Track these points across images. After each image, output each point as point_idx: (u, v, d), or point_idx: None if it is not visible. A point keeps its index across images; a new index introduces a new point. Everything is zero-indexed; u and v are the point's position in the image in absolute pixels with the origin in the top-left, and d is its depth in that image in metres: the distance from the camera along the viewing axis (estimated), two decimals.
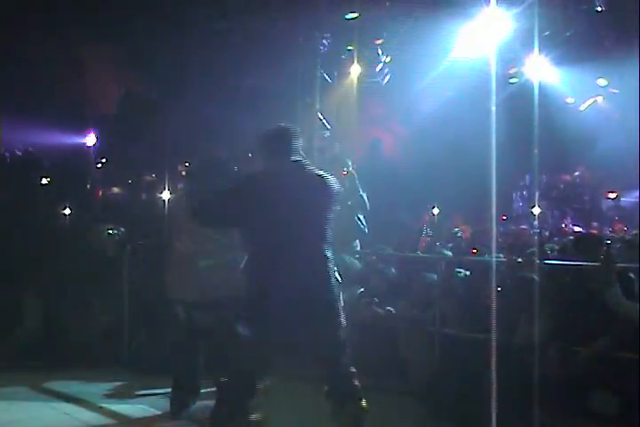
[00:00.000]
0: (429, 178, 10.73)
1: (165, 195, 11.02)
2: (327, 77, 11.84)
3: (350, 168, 9.46)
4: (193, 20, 12.23)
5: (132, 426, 6.41)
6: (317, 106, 11.66)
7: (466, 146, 10.41)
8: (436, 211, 10.75)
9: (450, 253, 8.94)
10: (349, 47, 11.77)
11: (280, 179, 5.24)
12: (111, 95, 14.59)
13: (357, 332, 8.11)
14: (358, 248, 9.31)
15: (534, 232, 8.72)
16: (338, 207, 5.48)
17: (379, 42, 11.59)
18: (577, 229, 11.80)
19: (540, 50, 10.35)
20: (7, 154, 13.69)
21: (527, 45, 10.85)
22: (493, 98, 6.07)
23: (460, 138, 11.03)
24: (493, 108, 5.68)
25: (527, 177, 12.68)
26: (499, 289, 6.73)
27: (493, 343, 5.53)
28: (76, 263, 8.94)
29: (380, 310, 8.04)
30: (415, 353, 7.54)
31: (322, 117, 11.69)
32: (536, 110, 8.38)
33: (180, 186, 11.18)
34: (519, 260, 7.25)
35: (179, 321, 6.67)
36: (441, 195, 10.64)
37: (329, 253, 5.35)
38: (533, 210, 8.84)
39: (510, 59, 11.20)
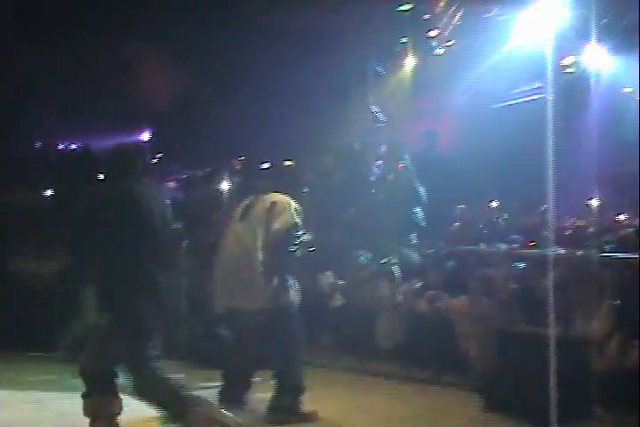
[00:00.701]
0: (487, 170, 10.62)
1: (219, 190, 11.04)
2: (380, 70, 11.79)
3: (406, 162, 9.43)
4: (245, 16, 12.27)
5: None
6: (371, 99, 11.63)
7: (522, 137, 10.27)
8: (494, 204, 10.63)
9: (506, 247, 8.83)
10: (403, 39, 11.70)
11: None
12: (166, 92, 14.70)
13: (415, 325, 8.14)
14: (415, 242, 9.28)
15: (593, 224, 8.56)
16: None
17: (432, 33, 11.48)
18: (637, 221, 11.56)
19: (597, 38, 10.15)
20: (62, 149, 13.91)
21: (584, 34, 10.65)
22: (550, 88, 5.96)
23: (517, 129, 10.88)
24: (550, 98, 5.59)
25: (584, 168, 12.46)
26: (557, 282, 6.64)
27: (553, 337, 5.46)
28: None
29: (438, 304, 8.01)
30: (473, 347, 7.49)
31: (376, 111, 11.64)
32: (593, 100, 8.25)
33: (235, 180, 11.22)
34: (578, 252, 7.15)
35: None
36: (499, 187, 10.53)
37: None
38: (592, 202, 8.72)
39: (567, 48, 11.01)
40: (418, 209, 9.29)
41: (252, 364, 6.53)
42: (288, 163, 10.71)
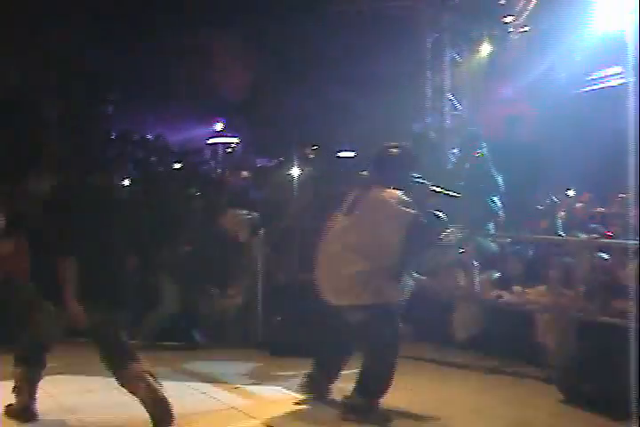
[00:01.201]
0: (565, 157, 10.41)
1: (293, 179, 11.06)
2: (456, 57, 11.63)
3: (483, 150, 9.29)
4: (317, 4, 12.23)
5: (268, 407, 6.42)
6: (447, 86, 11.49)
7: (602, 124, 10.04)
8: (571, 192, 10.42)
9: (585, 236, 8.65)
10: (479, 25, 11.52)
11: None
12: (239, 81, 14.78)
13: (493, 316, 8.05)
14: (493, 231, 9.16)
15: None
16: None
17: (508, 19, 11.28)
18: None
19: None
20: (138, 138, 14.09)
21: None
22: (631, 72, 5.78)
23: (596, 115, 10.63)
24: (632, 80, 5.40)
25: None
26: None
27: (633, 328, 5.34)
28: (210, 247, 9.10)
29: (514, 294, 7.91)
30: (552, 338, 7.37)
31: (452, 98, 11.51)
32: None
33: (307, 170, 11.23)
34: None
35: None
36: (576, 175, 10.32)
37: None
38: None
39: None
40: (495, 198, 9.17)
41: (344, 356, 6.41)
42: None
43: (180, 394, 6.72)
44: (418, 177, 6.07)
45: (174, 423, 5.61)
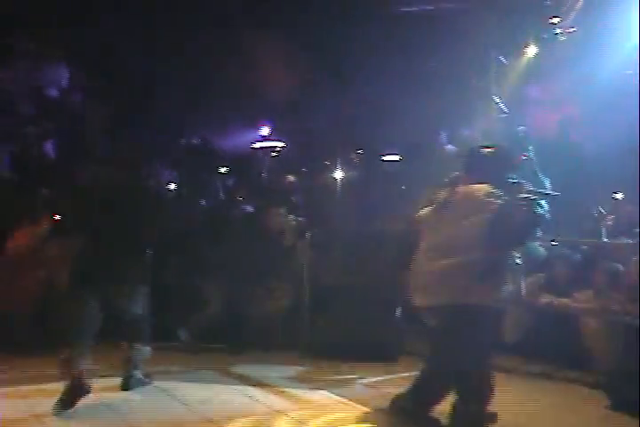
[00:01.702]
0: (612, 160, 10.26)
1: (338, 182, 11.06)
2: (502, 59, 11.54)
3: (530, 153, 9.22)
4: (365, 5, 12.24)
5: (314, 411, 6.45)
6: (493, 89, 11.41)
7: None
8: (619, 195, 10.26)
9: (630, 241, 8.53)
10: (525, 27, 11.41)
11: None
12: (285, 84, 14.82)
13: (540, 320, 7.98)
14: (540, 235, 9.06)
15: None
16: None
17: (555, 20, 11.15)
18: None
19: None
20: (184, 142, 14.20)
21: None
22: None
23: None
24: None
25: None
26: None
27: None
28: (256, 249, 9.17)
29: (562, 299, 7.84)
30: (599, 343, 7.29)
31: (498, 101, 11.42)
32: None
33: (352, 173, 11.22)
34: None
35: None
36: (625, 178, 10.16)
37: None
38: None
39: None
40: (542, 201, 9.06)
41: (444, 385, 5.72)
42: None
43: (225, 397, 6.82)
44: (514, 178, 5.69)
45: None
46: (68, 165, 10.89)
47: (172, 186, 11.33)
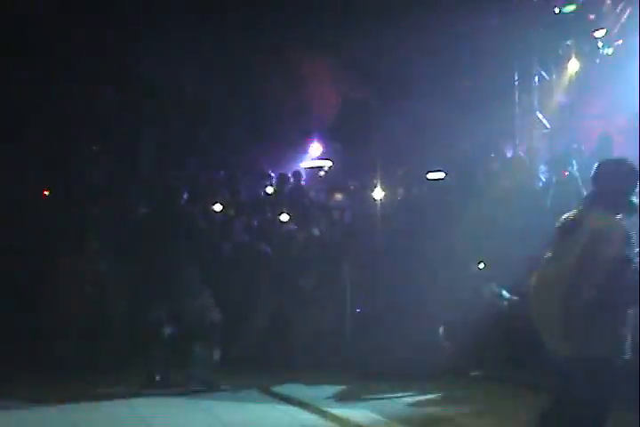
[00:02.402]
0: None
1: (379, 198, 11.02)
2: (544, 74, 11.47)
3: (573, 169, 9.13)
4: (405, 22, 12.26)
5: None
6: (536, 104, 11.34)
7: None
8: None
9: None
10: (567, 42, 11.34)
11: None
12: (331, 102, 14.89)
13: None
14: None
15: None
16: None
17: (599, 33, 11.05)
18: None
19: None
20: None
21: None
22: None
23: None
24: None
25: None
26: None
27: None
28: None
29: None
30: None
31: (541, 116, 11.34)
32: None
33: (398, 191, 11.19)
34: None
35: None
36: None
37: None
38: None
39: None
40: None
41: None
42: None
43: (268, 416, 6.86)
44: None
45: None
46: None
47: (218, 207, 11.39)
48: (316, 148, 15.53)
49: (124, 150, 13.63)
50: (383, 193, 10.53)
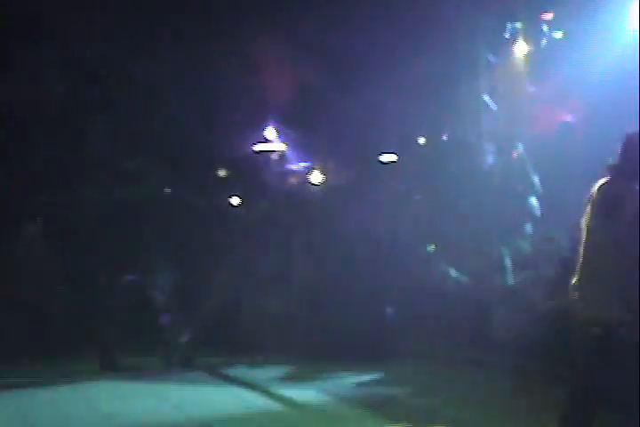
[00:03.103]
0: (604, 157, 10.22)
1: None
2: (492, 58, 11.51)
3: (520, 151, 9.24)
4: (357, 7, 12.24)
5: (300, 410, 6.48)
6: (482, 87, 11.38)
7: None
8: None
9: None
10: (515, 24, 11.37)
11: None
12: (285, 87, 14.85)
13: (526, 317, 7.97)
14: (530, 232, 9.09)
15: None
16: None
17: (547, 16, 11.09)
18: None
19: None
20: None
21: None
22: None
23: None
24: None
25: None
26: None
27: None
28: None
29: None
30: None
31: (487, 99, 11.40)
32: None
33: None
34: None
35: None
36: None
37: None
38: None
39: None
40: (533, 199, 9.10)
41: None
42: None
43: (215, 397, 6.90)
44: None
45: None
46: None
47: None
48: (269, 132, 15.50)
49: (70, 137, 13.47)
50: (322, 177, 10.51)
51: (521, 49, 11.22)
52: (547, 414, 6.03)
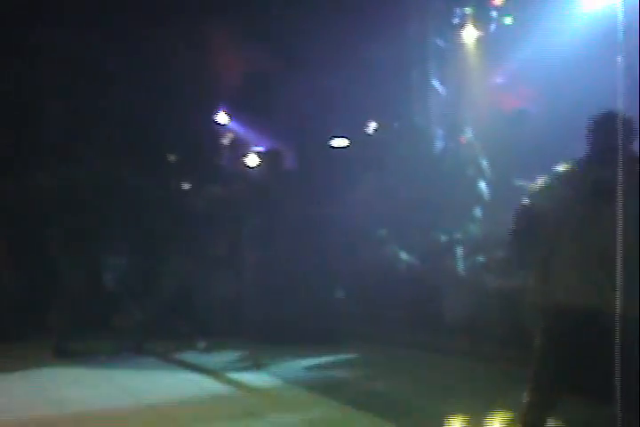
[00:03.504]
0: (555, 140, 10.35)
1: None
2: (441, 43, 11.56)
3: (469, 136, 9.32)
4: None
5: (254, 394, 6.51)
6: (432, 73, 11.42)
7: (595, 104, 9.96)
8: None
9: None
10: (465, 9, 11.42)
11: None
12: (236, 71, 14.79)
13: (478, 301, 8.09)
14: (479, 216, 9.20)
15: None
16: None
17: (497, 1, 11.16)
18: None
19: None
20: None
21: None
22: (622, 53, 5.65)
23: (589, 95, 10.55)
24: (619, 59, 5.27)
25: None
26: None
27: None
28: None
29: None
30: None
31: (437, 85, 11.46)
32: None
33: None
34: None
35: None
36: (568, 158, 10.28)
37: None
38: None
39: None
40: (482, 183, 9.20)
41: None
42: None
43: (166, 382, 6.88)
44: None
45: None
46: None
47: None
48: (221, 116, 15.43)
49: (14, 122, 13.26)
50: (273, 161, 10.47)
51: (470, 34, 11.29)
52: (501, 396, 6.19)
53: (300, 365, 7.48)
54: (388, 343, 8.22)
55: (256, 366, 7.31)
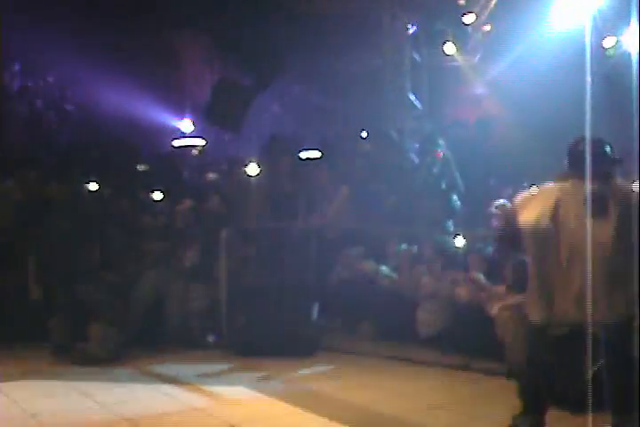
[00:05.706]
0: (525, 156, 10.50)
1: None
2: (417, 58, 11.68)
3: (443, 149, 9.40)
4: (281, 5, 12.27)
5: (231, 407, 6.47)
6: (408, 87, 11.52)
7: (562, 122, 10.13)
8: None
9: None
10: (439, 25, 11.56)
11: None
12: (206, 82, 14.78)
13: (455, 312, 8.13)
14: (452, 228, 9.28)
15: None
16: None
17: (469, 18, 11.31)
18: None
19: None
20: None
21: (626, 14, 10.40)
22: (588, 69, 5.78)
23: (557, 113, 10.74)
24: (588, 79, 5.41)
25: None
26: None
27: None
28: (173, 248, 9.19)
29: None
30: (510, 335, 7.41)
31: (413, 98, 11.56)
32: (635, 84, 8.06)
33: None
34: None
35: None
36: (536, 173, 10.42)
37: None
38: None
39: (607, 28, 10.78)
40: (455, 196, 9.30)
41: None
42: None
43: (142, 395, 6.80)
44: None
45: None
46: None
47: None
48: (187, 126, 15.39)
49: None
50: (245, 172, 10.48)
51: (447, 49, 11.42)
52: (477, 408, 6.24)
53: (277, 376, 7.44)
54: (367, 356, 8.22)
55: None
